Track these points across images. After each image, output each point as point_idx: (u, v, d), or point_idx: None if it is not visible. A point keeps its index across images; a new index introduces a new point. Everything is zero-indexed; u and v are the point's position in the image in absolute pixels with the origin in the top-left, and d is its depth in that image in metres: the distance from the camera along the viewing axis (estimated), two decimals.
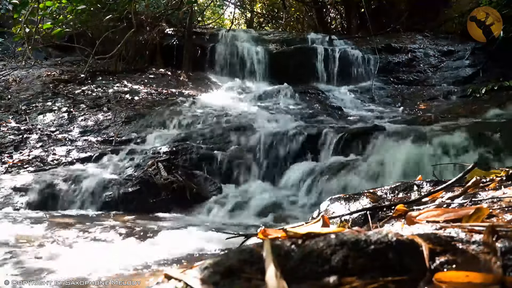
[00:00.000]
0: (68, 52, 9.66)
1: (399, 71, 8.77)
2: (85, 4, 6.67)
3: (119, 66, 8.78)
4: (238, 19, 17.04)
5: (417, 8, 10.25)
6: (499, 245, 0.66)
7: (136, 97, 7.19)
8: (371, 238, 0.66)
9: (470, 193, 1.23)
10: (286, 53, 9.25)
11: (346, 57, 8.98)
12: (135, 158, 4.84)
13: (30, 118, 6.24)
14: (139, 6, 9.06)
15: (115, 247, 2.45)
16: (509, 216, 0.95)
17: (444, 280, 0.60)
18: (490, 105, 6.20)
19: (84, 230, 2.93)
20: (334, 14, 14.05)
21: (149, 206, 4.00)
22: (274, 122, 5.90)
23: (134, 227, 3.11)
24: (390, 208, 1.31)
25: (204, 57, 9.50)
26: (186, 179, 4.31)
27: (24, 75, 8.04)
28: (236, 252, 0.68)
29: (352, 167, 4.20)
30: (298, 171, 4.47)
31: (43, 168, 4.69)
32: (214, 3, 14.51)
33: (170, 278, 0.66)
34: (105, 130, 5.88)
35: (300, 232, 0.73)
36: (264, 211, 3.88)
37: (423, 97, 7.70)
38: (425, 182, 1.54)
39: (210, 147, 5.05)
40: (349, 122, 6.42)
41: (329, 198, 1.60)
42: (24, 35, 6.51)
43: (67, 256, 2.19)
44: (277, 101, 7.33)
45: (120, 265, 2.02)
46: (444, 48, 9.13)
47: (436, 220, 0.97)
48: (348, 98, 7.88)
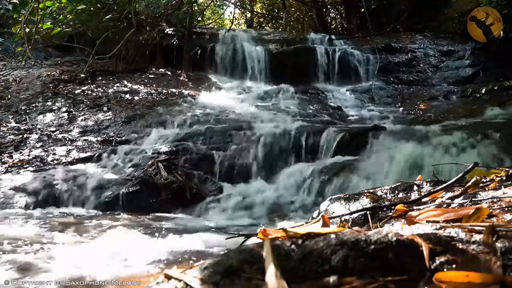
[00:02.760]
0: (68, 52, 9.65)
1: (399, 71, 8.77)
2: (85, 4, 6.68)
3: (119, 66, 8.78)
4: (238, 19, 17.04)
5: (417, 8, 10.24)
6: (499, 245, 0.66)
7: (136, 97, 7.19)
8: (371, 238, 0.66)
9: (470, 193, 1.23)
10: (286, 53, 9.24)
11: (346, 57, 8.98)
12: (135, 158, 4.84)
13: (30, 118, 6.24)
14: (139, 6, 9.06)
15: (115, 247, 2.45)
16: (509, 216, 0.95)
17: (444, 280, 0.60)
18: (490, 105, 6.20)
19: (84, 230, 2.93)
20: (334, 14, 14.05)
21: (149, 206, 4.00)
22: (274, 122, 5.90)
23: (134, 227, 3.11)
24: (390, 208, 1.31)
25: (204, 57, 9.49)
26: (186, 179, 4.31)
27: (24, 75, 8.04)
28: (236, 252, 0.68)
29: (352, 167, 4.20)
30: (298, 171, 4.47)
31: (43, 168, 4.69)
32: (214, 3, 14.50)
33: (170, 278, 0.66)
34: (105, 130, 5.88)
35: (300, 232, 0.73)
36: (264, 211, 3.89)
37: (423, 97, 7.70)
38: (425, 182, 1.54)
39: (210, 147, 5.04)
40: (349, 122, 6.42)
41: (329, 198, 1.60)
42: (24, 35, 6.51)
43: (66, 256, 2.19)
44: (277, 101, 7.33)
45: (120, 265, 2.02)
46: (444, 48, 9.13)
47: (436, 220, 0.97)
48: (348, 98, 7.89)
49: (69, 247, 2.43)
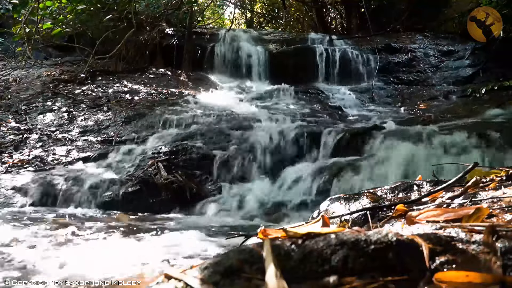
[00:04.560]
0: (68, 52, 9.65)
1: (399, 71, 8.77)
2: (85, 4, 6.67)
3: (119, 66, 8.78)
4: (238, 19, 17.04)
5: (417, 8, 10.24)
6: (499, 245, 0.66)
7: (136, 97, 7.19)
8: (371, 238, 0.66)
9: (470, 193, 1.23)
10: (286, 53, 9.24)
11: (346, 57, 8.98)
12: (135, 158, 4.84)
13: (30, 118, 6.24)
14: (139, 6, 9.06)
15: (115, 247, 2.45)
16: (509, 216, 0.95)
17: (444, 280, 0.60)
18: (490, 105, 6.20)
19: (84, 230, 2.93)
20: (334, 14, 14.05)
21: (149, 206, 4.01)
22: (274, 122, 5.90)
23: (134, 227, 3.11)
24: (390, 208, 1.31)
25: (204, 57, 9.49)
26: (186, 179, 4.31)
27: (24, 75, 8.04)
28: (236, 252, 0.68)
29: (352, 167, 4.20)
30: (298, 171, 4.47)
31: (43, 168, 4.69)
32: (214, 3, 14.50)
33: (170, 278, 0.66)
34: (105, 130, 5.88)
35: (300, 232, 0.73)
36: (264, 211, 3.89)
37: (423, 97, 7.70)
38: (425, 182, 1.54)
39: (210, 147, 5.04)
40: (349, 122, 6.42)
41: (329, 198, 1.60)
42: (24, 35, 6.51)
43: (66, 256, 2.19)
44: (277, 101, 7.33)
45: (120, 265, 2.02)
46: (444, 48, 9.12)
47: (436, 220, 0.97)
48: (348, 98, 7.88)
49: (69, 247, 2.43)
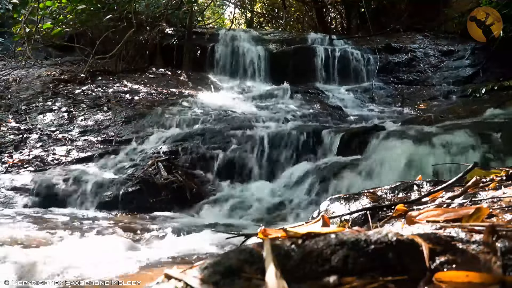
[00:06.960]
0: (68, 52, 9.65)
1: (399, 71, 8.76)
2: (85, 4, 6.67)
3: (119, 66, 8.78)
4: (238, 19, 17.03)
5: (417, 8, 10.23)
6: (499, 245, 0.66)
7: (136, 97, 7.19)
8: (371, 238, 0.66)
9: (470, 193, 1.23)
10: (286, 53, 9.24)
11: (346, 57, 8.98)
12: (135, 158, 4.85)
13: (30, 118, 6.24)
14: (139, 6, 9.05)
15: (115, 247, 2.45)
16: (509, 216, 0.95)
17: (444, 280, 0.60)
18: (490, 105, 6.19)
19: (84, 229, 2.93)
20: (334, 14, 14.05)
21: (149, 206, 4.00)
22: (274, 122, 5.90)
23: (134, 227, 3.11)
24: (390, 208, 1.31)
25: (204, 57, 9.49)
26: (186, 179, 4.31)
27: (24, 75, 8.04)
28: (236, 252, 0.68)
29: (352, 167, 4.20)
30: (298, 171, 4.47)
31: (43, 168, 4.69)
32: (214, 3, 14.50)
33: (170, 278, 0.66)
34: (105, 130, 5.88)
35: (300, 232, 0.72)
36: (264, 210, 3.89)
37: (423, 97, 7.70)
38: (425, 182, 1.54)
39: (210, 147, 5.04)
40: (349, 122, 6.42)
41: (329, 198, 1.60)
42: (24, 35, 6.51)
43: (66, 256, 2.19)
44: (277, 101, 7.33)
45: (120, 265, 2.02)
46: (444, 48, 9.12)
47: (436, 220, 0.97)
48: (348, 98, 7.88)
49: (68, 247, 2.43)
